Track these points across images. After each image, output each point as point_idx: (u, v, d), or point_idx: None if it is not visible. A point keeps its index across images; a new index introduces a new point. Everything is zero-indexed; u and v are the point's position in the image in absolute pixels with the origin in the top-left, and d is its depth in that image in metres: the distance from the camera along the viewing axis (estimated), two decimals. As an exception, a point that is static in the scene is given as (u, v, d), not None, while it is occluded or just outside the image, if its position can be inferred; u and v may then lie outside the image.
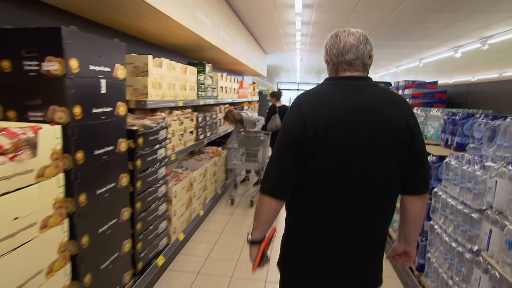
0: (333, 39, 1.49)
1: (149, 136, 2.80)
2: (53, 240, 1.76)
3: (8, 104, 1.90)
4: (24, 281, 1.57)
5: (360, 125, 1.37)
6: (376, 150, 1.38)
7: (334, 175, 1.39)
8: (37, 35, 1.81)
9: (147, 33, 3.99)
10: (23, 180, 1.54)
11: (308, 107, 1.44)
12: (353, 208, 1.41)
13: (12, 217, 1.49)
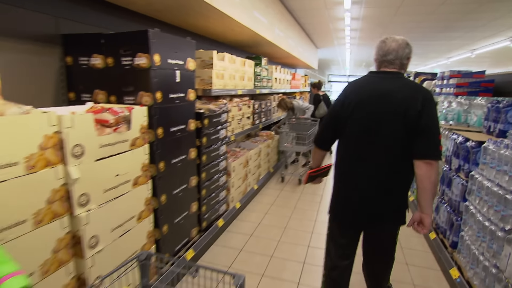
0: (381, 43, 1.85)
1: (213, 118, 3.06)
2: (141, 194, 2.09)
3: (111, 91, 2.26)
4: (123, 222, 1.92)
5: (377, 106, 1.75)
6: (387, 124, 1.73)
7: (357, 140, 1.83)
8: (131, 36, 2.11)
9: (212, 32, 4.23)
10: (121, 147, 1.87)
11: (347, 92, 1.91)
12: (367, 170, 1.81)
13: (114, 174, 1.83)
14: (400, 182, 1.83)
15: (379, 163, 1.78)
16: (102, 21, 2.67)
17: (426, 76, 5.68)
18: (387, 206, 1.84)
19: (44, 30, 2.24)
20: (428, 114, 1.68)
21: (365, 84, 1.88)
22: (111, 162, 1.78)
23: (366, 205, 1.85)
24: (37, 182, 1.39)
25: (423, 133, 1.66)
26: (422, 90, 1.77)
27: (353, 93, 1.86)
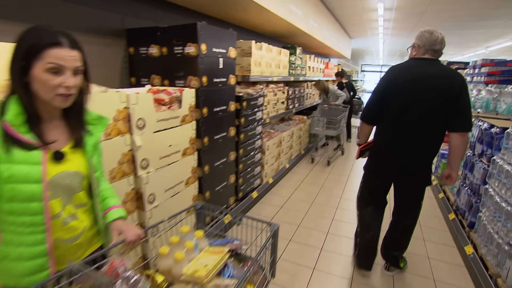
0: (429, 34, 2.00)
1: (251, 101, 3.21)
2: (189, 163, 2.32)
3: (165, 75, 2.48)
4: (174, 185, 2.16)
5: (421, 86, 1.96)
6: (427, 101, 1.96)
7: (401, 113, 2.03)
8: (182, 29, 2.30)
9: (250, 24, 4.32)
10: (173, 122, 2.09)
11: (391, 74, 2.11)
12: (406, 137, 2.05)
13: (168, 144, 2.06)
14: (431, 149, 2.10)
15: (417, 132, 2.02)
16: (158, 16, 2.89)
17: (458, 65, 5.40)
18: (419, 166, 2.12)
19: (113, 26, 2.50)
20: (465, 95, 1.91)
21: (409, 68, 2.07)
22: (165, 134, 2.01)
23: (403, 162, 2.11)
24: (112, 146, 1.65)
25: (459, 110, 1.91)
26: (459, 74, 1.98)
27: (399, 75, 2.07)
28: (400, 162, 2.12)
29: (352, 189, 4.25)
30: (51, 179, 0.96)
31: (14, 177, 0.90)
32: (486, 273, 2.23)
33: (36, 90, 0.90)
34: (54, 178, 0.97)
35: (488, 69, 3.68)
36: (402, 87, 2.01)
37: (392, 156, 2.14)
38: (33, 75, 0.88)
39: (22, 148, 0.90)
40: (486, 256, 2.37)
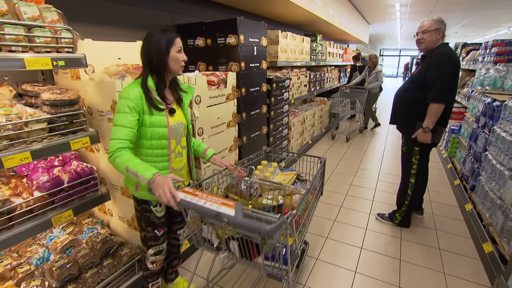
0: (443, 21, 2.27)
1: (279, 83, 3.51)
2: (231, 134, 2.70)
3: (209, 62, 2.84)
4: (221, 150, 2.55)
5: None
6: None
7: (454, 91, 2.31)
8: (224, 23, 2.62)
9: (276, 15, 4.55)
10: (220, 99, 2.45)
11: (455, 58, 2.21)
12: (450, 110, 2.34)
13: (216, 117, 2.44)
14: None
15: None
16: (200, 12, 3.23)
17: (473, 46, 5.36)
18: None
19: (165, 22, 2.87)
20: None
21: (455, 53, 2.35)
22: (215, 109, 2.39)
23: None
24: (178, 116, 2.04)
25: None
26: None
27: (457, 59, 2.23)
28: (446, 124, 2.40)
29: (368, 161, 4.50)
30: (171, 125, 1.46)
31: (153, 123, 1.40)
32: (481, 223, 2.48)
33: (171, 66, 1.42)
34: (173, 125, 1.47)
35: (498, 49, 3.73)
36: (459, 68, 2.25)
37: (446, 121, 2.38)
38: (171, 56, 1.40)
39: (155, 105, 1.39)
40: (482, 211, 2.61)
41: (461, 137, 4.05)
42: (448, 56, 2.20)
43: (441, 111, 2.23)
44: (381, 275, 2.09)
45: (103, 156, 1.86)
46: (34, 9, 1.29)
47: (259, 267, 1.40)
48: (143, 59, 1.43)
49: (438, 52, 2.26)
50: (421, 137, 2.32)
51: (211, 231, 1.42)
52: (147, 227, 1.56)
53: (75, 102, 1.53)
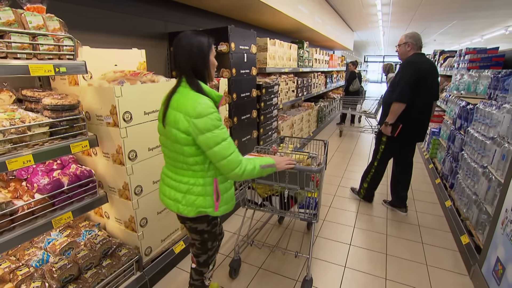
0: (418, 35, 2.69)
1: (268, 89, 3.63)
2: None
3: (201, 69, 2.92)
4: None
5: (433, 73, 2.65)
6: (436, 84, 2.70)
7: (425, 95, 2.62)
8: (216, 31, 2.72)
9: (264, 23, 4.68)
10: (213, 104, 2.54)
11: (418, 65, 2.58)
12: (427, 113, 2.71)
13: (209, 121, 2.51)
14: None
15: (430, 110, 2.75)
16: (192, 21, 3.32)
17: (450, 53, 5.66)
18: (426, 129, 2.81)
19: (158, 30, 2.95)
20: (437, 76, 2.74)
21: (425, 60, 2.66)
22: (208, 113, 2.47)
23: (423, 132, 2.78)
24: (174, 121, 2.11)
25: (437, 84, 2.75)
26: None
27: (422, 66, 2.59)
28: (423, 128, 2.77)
29: (355, 163, 4.66)
30: None
31: None
32: (459, 218, 2.64)
33: (211, 72, 1.35)
34: None
35: (470, 57, 3.98)
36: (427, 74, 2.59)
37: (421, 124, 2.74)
38: (210, 61, 1.33)
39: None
40: (460, 206, 2.78)
41: (441, 139, 4.26)
42: (411, 63, 2.61)
43: (400, 109, 2.61)
44: (369, 269, 2.19)
45: (100, 159, 1.91)
46: (39, 19, 1.35)
47: (294, 214, 1.99)
48: (184, 64, 1.27)
49: (405, 61, 2.68)
50: (384, 130, 2.78)
51: (254, 193, 2.01)
52: (213, 242, 1.47)
53: (75, 107, 1.59)
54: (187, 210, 1.32)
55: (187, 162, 1.29)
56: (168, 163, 1.40)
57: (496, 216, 1.84)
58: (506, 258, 1.64)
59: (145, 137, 1.89)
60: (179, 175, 1.34)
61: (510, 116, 2.17)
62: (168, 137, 1.29)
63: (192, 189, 1.31)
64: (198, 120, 1.18)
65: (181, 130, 1.22)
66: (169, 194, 1.37)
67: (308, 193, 1.89)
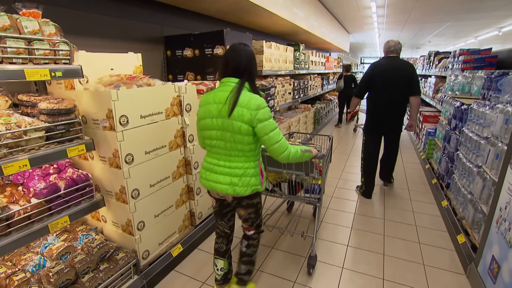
0: (386, 43, 3.20)
1: (265, 91, 3.64)
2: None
3: (197, 72, 2.94)
4: (210, 155, 2.63)
5: (391, 73, 3.05)
6: (396, 82, 3.05)
7: (380, 91, 3.12)
8: (211, 34, 2.74)
9: (261, 26, 4.73)
10: (209, 107, 2.54)
11: (374, 67, 3.19)
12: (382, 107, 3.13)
13: (206, 124, 2.52)
14: (400, 111, 3.21)
15: (391, 101, 3.10)
16: (187, 24, 3.34)
17: (444, 54, 5.71)
18: (395, 124, 3.25)
19: (155, 34, 2.96)
20: (415, 75, 3.11)
21: (383, 62, 3.17)
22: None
23: (387, 123, 3.22)
24: (170, 124, 2.12)
25: (413, 84, 3.08)
26: (410, 64, 3.18)
27: (377, 67, 3.18)
28: (383, 118, 3.19)
29: (352, 164, 4.68)
30: None
31: None
32: (455, 217, 2.66)
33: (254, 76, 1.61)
34: None
35: (464, 58, 4.03)
36: (381, 74, 3.10)
37: (378, 115, 3.21)
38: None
39: None
40: (456, 206, 2.80)
41: (436, 139, 4.30)
42: (369, 66, 3.25)
43: (355, 102, 3.46)
44: (367, 270, 2.20)
45: (97, 163, 1.91)
46: (35, 24, 1.36)
47: (301, 198, 2.31)
48: (248, 69, 1.55)
49: None
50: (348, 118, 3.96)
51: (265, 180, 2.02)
52: (261, 209, 1.84)
53: (72, 111, 1.59)
54: (243, 190, 1.59)
55: (244, 149, 1.56)
56: (221, 154, 1.62)
57: (491, 215, 1.86)
58: (501, 256, 1.65)
59: (142, 141, 1.90)
60: (234, 162, 1.59)
61: (503, 116, 2.19)
62: (230, 130, 1.53)
63: (247, 171, 1.59)
64: (258, 112, 1.48)
65: (245, 121, 1.49)
66: (223, 180, 1.60)
67: (313, 180, 2.21)
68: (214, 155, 1.65)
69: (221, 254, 1.86)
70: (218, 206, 1.78)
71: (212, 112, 1.56)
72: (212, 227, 2.65)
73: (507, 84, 2.42)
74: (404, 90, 3.08)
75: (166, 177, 2.15)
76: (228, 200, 1.70)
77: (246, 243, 1.84)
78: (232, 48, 1.56)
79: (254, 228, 1.82)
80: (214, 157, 1.65)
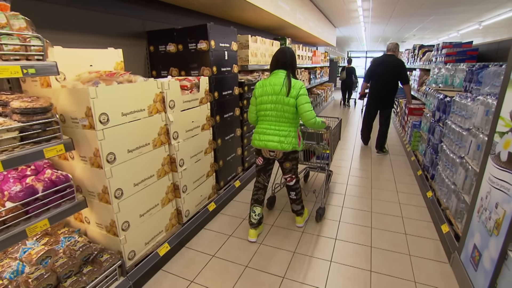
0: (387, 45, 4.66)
1: (251, 86, 3.61)
2: (206, 136, 2.75)
3: (181, 67, 2.88)
4: (197, 153, 2.59)
5: (384, 66, 4.51)
6: (389, 73, 4.47)
7: (378, 80, 4.60)
8: (195, 29, 2.68)
9: (246, 20, 4.67)
10: (194, 103, 2.51)
11: (375, 61, 4.74)
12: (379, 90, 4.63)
13: (191, 120, 2.48)
14: (391, 94, 4.59)
15: (385, 88, 4.55)
16: (170, 19, 3.26)
17: (428, 48, 5.80)
18: (387, 103, 4.67)
19: (136, 29, 2.88)
20: (403, 69, 4.43)
21: (381, 58, 4.62)
22: (189, 112, 2.43)
23: (379, 103, 4.70)
24: (153, 121, 2.07)
25: (401, 75, 4.45)
26: (400, 60, 4.49)
27: (376, 61, 4.67)
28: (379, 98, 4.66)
29: (340, 158, 4.72)
30: None
31: None
32: (440, 208, 2.72)
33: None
34: None
35: (447, 51, 4.10)
36: (378, 67, 4.57)
37: (376, 95, 4.69)
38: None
39: None
40: (440, 197, 2.86)
41: (422, 131, 4.37)
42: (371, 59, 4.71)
43: (364, 86, 5.02)
44: (355, 262, 2.23)
45: (78, 163, 1.85)
46: (1, 17, 1.29)
47: (313, 164, 3.08)
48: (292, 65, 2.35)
49: None
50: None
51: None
52: (298, 163, 2.53)
53: (48, 109, 1.53)
54: (287, 146, 2.29)
55: (289, 117, 2.28)
56: (272, 121, 2.32)
57: (473, 204, 1.90)
58: (482, 244, 1.70)
59: (124, 139, 1.84)
60: (282, 127, 2.30)
61: (483, 108, 2.24)
62: (281, 103, 2.25)
63: (290, 133, 2.30)
64: (300, 90, 2.24)
65: (292, 96, 2.23)
66: (273, 139, 2.30)
67: (323, 150, 2.94)
68: (267, 122, 2.34)
69: (260, 203, 2.54)
70: (264, 164, 2.51)
71: (268, 91, 2.29)
72: (199, 224, 2.63)
73: (487, 76, 2.46)
74: (393, 79, 4.44)
75: (151, 176, 2.10)
76: (277, 156, 2.39)
77: (294, 193, 2.60)
78: (281, 49, 2.37)
79: (295, 177, 2.53)
80: (266, 123, 2.34)
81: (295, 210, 2.67)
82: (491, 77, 2.48)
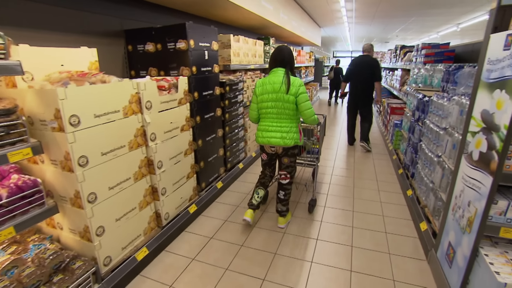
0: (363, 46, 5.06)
1: (233, 86, 3.59)
2: (186, 138, 2.71)
3: (160, 67, 2.82)
4: (176, 154, 2.55)
5: (361, 66, 4.91)
6: (365, 72, 4.86)
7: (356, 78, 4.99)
8: (173, 28, 2.63)
9: (228, 19, 4.64)
10: (172, 104, 2.46)
11: (352, 61, 5.16)
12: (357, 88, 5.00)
13: (169, 121, 2.44)
14: (369, 92, 4.93)
15: (361, 85, 4.92)
16: (149, 17, 3.19)
17: (409, 48, 5.93)
18: (365, 100, 4.99)
19: (113, 28, 2.80)
20: (378, 68, 4.82)
21: (358, 59, 4.98)
22: (167, 113, 2.39)
23: (359, 101, 5.04)
24: (129, 123, 2.02)
25: (375, 73, 4.80)
26: (376, 60, 4.88)
27: (354, 62, 5.06)
28: (358, 96, 5.01)
29: (324, 158, 4.76)
30: None
31: None
32: (419, 206, 2.78)
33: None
34: None
35: (426, 51, 4.19)
36: (356, 66, 4.94)
37: (355, 94, 5.04)
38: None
39: None
40: (420, 195, 2.92)
41: (403, 130, 4.46)
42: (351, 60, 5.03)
43: (343, 85, 5.40)
44: (336, 262, 2.24)
45: (48, 167, 1.78)
46: (-42, 15, 1.22)
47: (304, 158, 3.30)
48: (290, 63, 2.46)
49: None
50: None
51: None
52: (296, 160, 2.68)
53: (12, 111, 1.46)
54: (289, 142, 2.43)
55: (289, 114, 2.41)
56: (274, 118, 2.45)
57: (448, 202, 1.95)
58: (456, 242, 1.74)
59: (97, 141, 1.79)
60: (284, 123, 2.43)
61: (458, 108, 2.30)
62: (281, 100, 2.37)
63: (291, 129, 2.44)
64: (300, 87, 2.36)
65: (292, 94, 2.34)
66: (275, 135, 2.44)
67: (312, 145, 3.12)
68: (268, 119, 2.47)
69: (265, 187, 2.74)
70: (269, 159, 2.70)
71: (268, 89, 2.40)
72: (180, 227, 2.59)
73: (462, 77, 2.53)
74: (370, 78, 4.82)
75: (127, 179, 2.05)
76: (278, 152, 2.54)
77: (283, 193, 2.66)
78: (279, 48, 2.49)
79: (289, 177, 2.64)
80: (268, 121, 2.47)
81: (280, 211, 2.68)
82: (465, 77, 2.55)
